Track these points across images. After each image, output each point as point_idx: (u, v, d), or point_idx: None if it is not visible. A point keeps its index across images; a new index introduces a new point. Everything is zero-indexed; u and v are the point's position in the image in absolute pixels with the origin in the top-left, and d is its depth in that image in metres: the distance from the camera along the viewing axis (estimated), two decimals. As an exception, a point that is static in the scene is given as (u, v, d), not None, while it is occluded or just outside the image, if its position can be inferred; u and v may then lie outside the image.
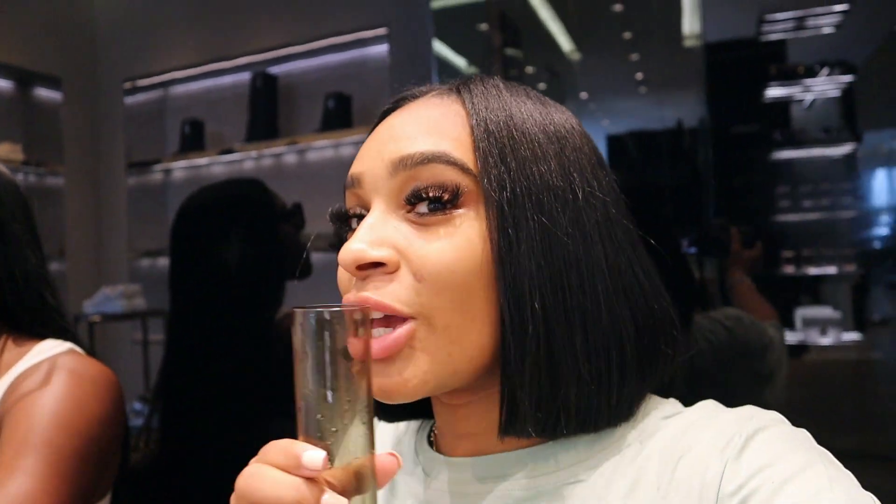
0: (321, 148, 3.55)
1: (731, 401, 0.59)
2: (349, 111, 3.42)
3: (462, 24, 2.51)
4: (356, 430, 0.48)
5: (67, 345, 1.05)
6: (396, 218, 0.57)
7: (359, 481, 0.48)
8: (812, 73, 2.44)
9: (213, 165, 3.90)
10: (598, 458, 0.57)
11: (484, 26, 2.42)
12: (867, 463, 0.50)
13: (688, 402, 0.62)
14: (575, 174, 0.58)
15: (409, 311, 0.54)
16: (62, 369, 0.97)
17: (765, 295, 1.67)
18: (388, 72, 3.25)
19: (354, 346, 0.48)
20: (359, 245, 0.54)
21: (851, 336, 2.43)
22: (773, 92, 2.48)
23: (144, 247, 4.04)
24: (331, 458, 0.47)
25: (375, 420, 0.78)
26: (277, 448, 0.47)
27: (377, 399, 0.55)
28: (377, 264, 0.55)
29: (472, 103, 0.59)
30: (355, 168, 0.61)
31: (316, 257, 1.55)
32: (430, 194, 0.55)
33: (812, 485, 0.46)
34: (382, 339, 0.54)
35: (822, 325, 2.48)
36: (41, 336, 1.06)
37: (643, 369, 0.57)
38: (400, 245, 0.55)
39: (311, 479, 0.45)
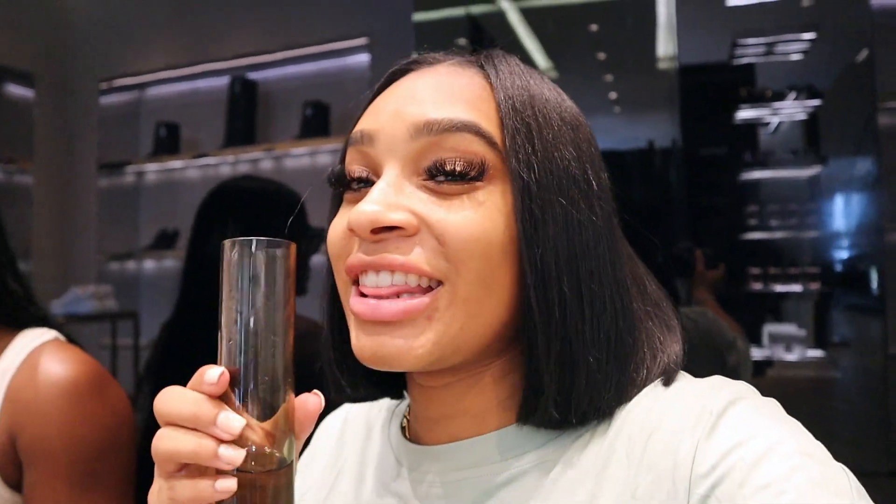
0: (298, 155, 3.55)
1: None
2: (327, 120, 3.43)
3: (442, 38, 2.53)
4: (270, 363, 0.48)
5: (52, 333, 1.02)
6: (412, 184, 0.55)
7: (274, 416, 0.48)
8: (780, 97, 2.50)
9: (188, 169, 3.87)
10: (570, 435, 0.57)
11: (463, 41, 2.44)
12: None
13: None
14: (588, 164, 0.57)
15: (438, 275, 0.52)
16: (61, 384, 0.95)
17: (733, 311, 1.72)
18: (368, 82, 3.27)
19: (277, 280, 0.49)
20: (374, 207, 0.52)
21: (815, 353, 2.49)
22: (743, 114, 2.54)
23: (114, 249, 3.99)
24: (240, 387, 0.47)
25: (353, 406, 0.77)
26: (195, 373, 0.49)
27: (367, 364, 0.54)
28: (393, 228, 0.53)
29: (498, 79, 0.57)
30: (367, 125, 0.58)
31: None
32: (457, 169, 0.53)
33: (785, 462, 0.45)
34: (398, 303, 0.52)
35: (787, 342, 2.54)
36: (18, 325, 1.03)
37: (628, 367, 0.57)
38: (418, 211, 0.53)
39: (214, 399, 0.47)
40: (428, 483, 0.60)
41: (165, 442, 0.47)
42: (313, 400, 0.50)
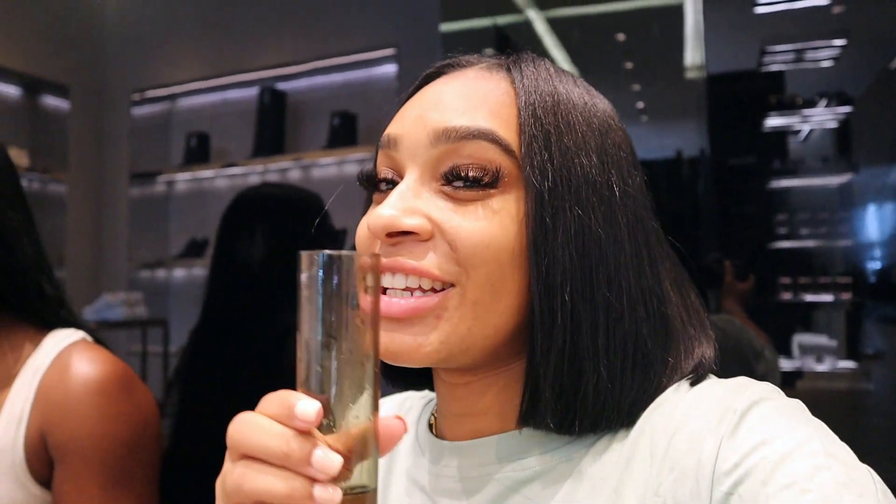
0: (326, 165, 3.58)
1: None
2: (354, 130, 3.46)
3: (469, 48, 2.54)
4: (359, 388, 0.44)
5: (80, 334, 1.04)
6: (430, 190, 0.56)
7: (360, 443, 0.44)
8: (811, 104, 2.48)
9: (218, 179, 3.92)
10: (591, 435, 0.57)
11: (490, 51, 2.45)
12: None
13: None
14: (613, 171, 0.57)
15: (450, 279, 0.54)
16: (91, 383, 0.98)
17: (762, 320, 1.71)
18: (395, 92, 3.29)
19: (363, 297, 0.45)
20: (390, 211, 0.53)
21: (847, 364, 2.44)
22: (773, 122, 2.52)
23: (144, 258, 4.05)
24: (330, 415, 0.43)
25: (384, 403, 0.79)
26: (273, 398, 0.44)
27: (381, 359, 0.52)
28: (408, 233, 0.54)
29: (522, 84, 0.58)
30: (394, 129, 0.59)
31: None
32: (471, 175, 0.54)
33: (809, 462, 0.45)
34: (408, 301, 0.53)
35: (818, 353, 2.50)
36: (48, 326, 1.06)
37: (651, 375, 0.57)
38: (434, 216, 0.54)
39: (304, 432, 0.42)
40: (450, 478, 0.61)
41: (252, 482, 0.43)
42: (397, 424, 0.47)
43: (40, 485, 0.97)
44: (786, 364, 2.37)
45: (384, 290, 0.56)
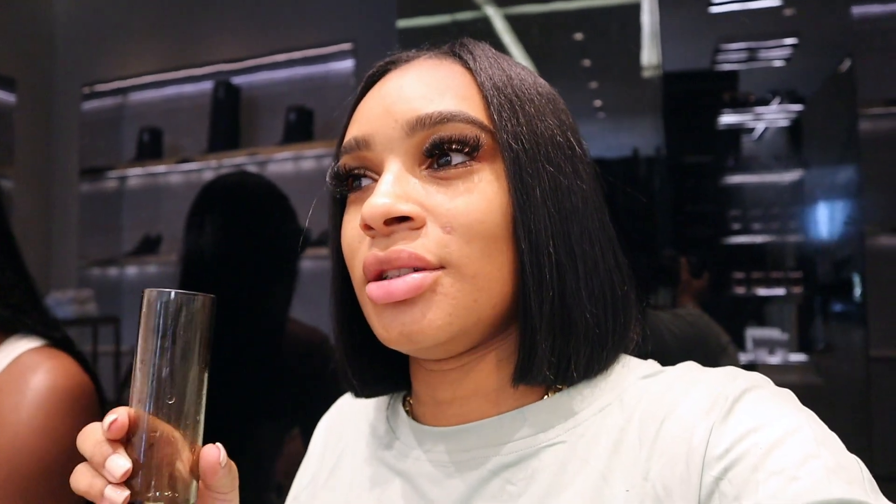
0: (281, 160, 3.53)
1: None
2: (311, 125, 3.42)
3: (426, 44, 2.52)
4: (173, 412, 0.51)
5: (40, 341, 0.99)
6: (415, 176, 0.58)
7: (178, 466, 0.51)
8: (764, 102, 2.52)
9: (171, 174, 3.83)
10: (576, 419, 0.58)
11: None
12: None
13: None
14: (569, 132, 0.62)
15: (438, 263, 0.55)
16: (38, 391, 0.92)
17: (716, 315, 1.73)
18: (352, 88, 3.25)
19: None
20: (384, 200, 0.55)
21: (798, 357, 2.50)
22: (727, 119, 2.56)
23: (95, 255, 3.94)
24: (141, 428, 0.50)
25: (349, 399, 0.78)
26: (109, 414, 0.51)
27: (396, 346, 0.56)
28: (403, 219, 0.55)
29: (476, 64, 0.62)
30: (359, 130, 0.61)
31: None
32: (454, 146, 0.57)
33: (800, 449, 0.46)
34: (406, 280, 0.54)
35: (770, 346, 2.55)
36: (12, 328, 1.00)
37: (626, 320, 0.61)
38: (424, 202, 0.56)
39: (112, 442, 0.50)
40: (431, 462, 0.61)
41: (73, 476, 0.52)
42: (213, 452, 0.52)
43: None
44: (740, 357, 2.42)
45: (383, 277, 0.56)
